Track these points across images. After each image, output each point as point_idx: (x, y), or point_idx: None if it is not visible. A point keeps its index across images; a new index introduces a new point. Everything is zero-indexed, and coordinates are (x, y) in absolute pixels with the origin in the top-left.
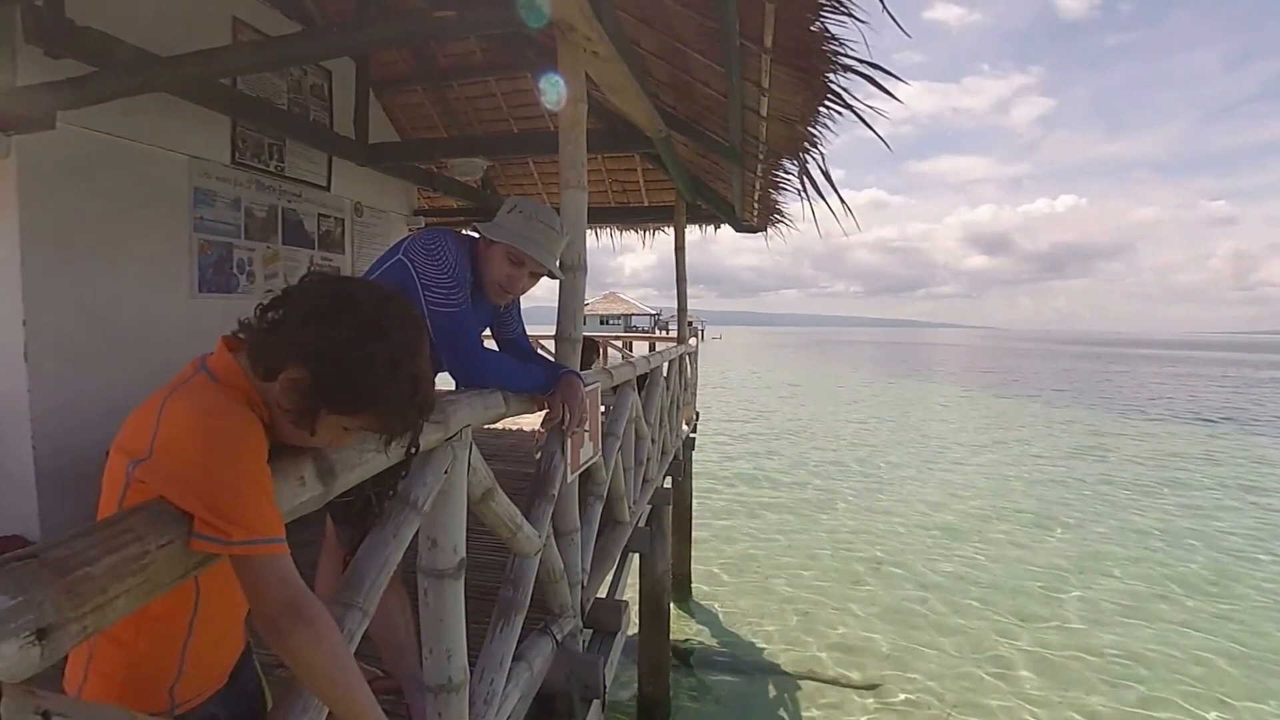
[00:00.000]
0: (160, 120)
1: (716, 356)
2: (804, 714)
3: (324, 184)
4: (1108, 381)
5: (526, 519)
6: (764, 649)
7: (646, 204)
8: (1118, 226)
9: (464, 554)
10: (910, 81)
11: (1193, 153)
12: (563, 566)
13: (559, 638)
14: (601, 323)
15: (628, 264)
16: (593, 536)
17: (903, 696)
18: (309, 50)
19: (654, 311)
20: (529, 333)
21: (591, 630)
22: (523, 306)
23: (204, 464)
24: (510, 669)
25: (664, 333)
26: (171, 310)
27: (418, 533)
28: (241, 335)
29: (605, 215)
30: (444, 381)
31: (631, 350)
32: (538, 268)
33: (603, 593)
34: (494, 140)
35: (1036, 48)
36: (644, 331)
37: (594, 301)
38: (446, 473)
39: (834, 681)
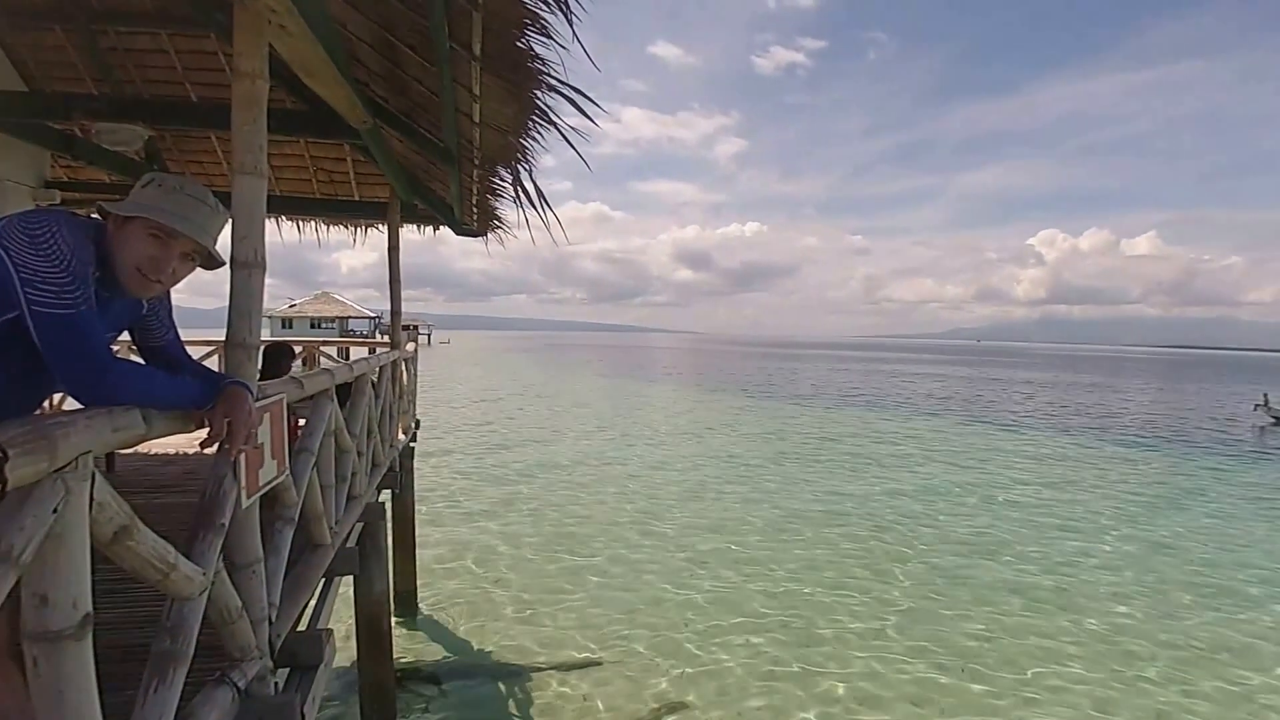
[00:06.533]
0: None
1: (445, 361)
2: (535, 704)
3: None
4: (790, 376)
5: (187, 556)
6: (493, 651)
7: (358, 198)
8: (789, 251)
9: (90, 609)
10: (634, 108)
11: (841, 197)
12: (240, 604)
13: (242, 685)
14: (313, 326)
15: (344, 261)
16: (281, 565)
17: (625, 666)
18: None
19: (374, 314)
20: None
21: (288, 669)
22: (213, 308)
23: None
24: None
25: (386, 337)
26: None
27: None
28: None
29: (309, 206)
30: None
31: (349, 356)
32: (190, 245)
33: (304, 625)
34: (162, 106)
35: (735, 95)
36: (363, 336)
37: (303, 302)
38: (56, 512)
39: (561, 666)
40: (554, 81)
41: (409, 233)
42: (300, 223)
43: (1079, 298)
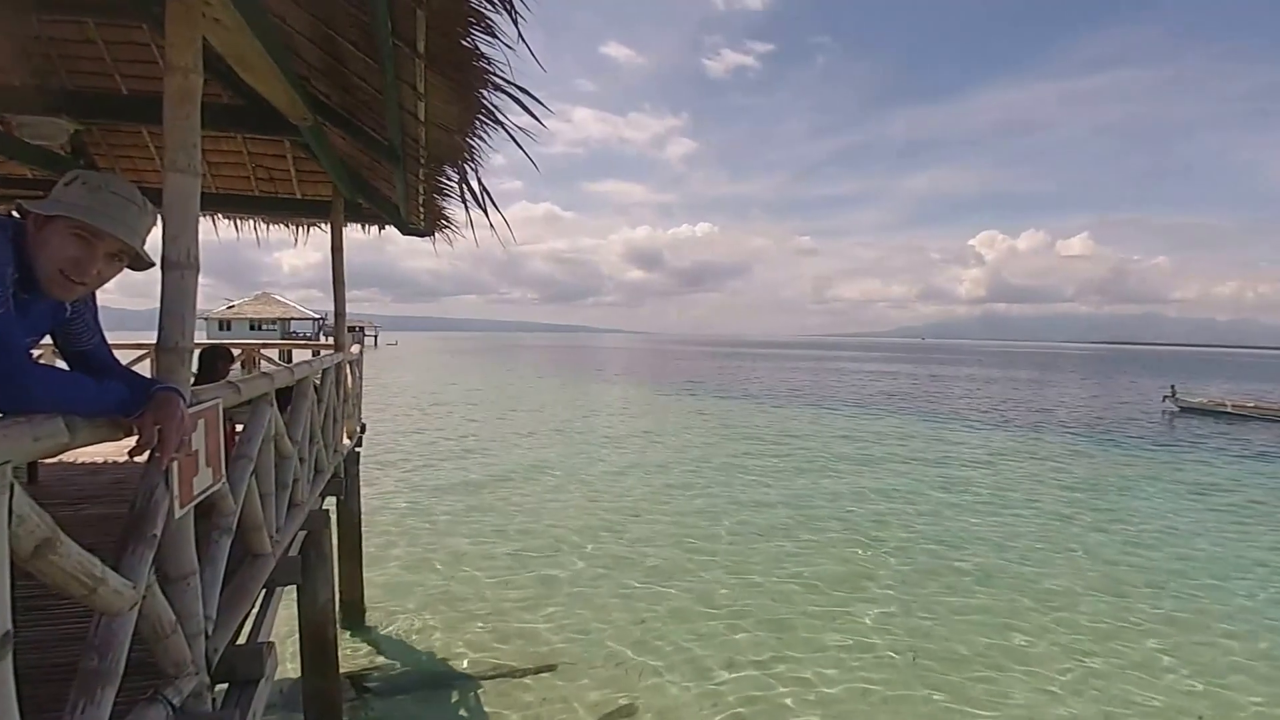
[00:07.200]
0: None
1: (394, 363)
2: (490, 708)
3: None
4: (745, 376)
5: (116, 569)
6: (446, 657)
7: (299, 196)
8: (739, 251)
9: (9, 627)
10: (584, 108)
11: (789, 199)
12: (174, 618)
13: (176, 702)
14: (252, 328)
15: (286, 261)
16: (218, 576)
17: (583, 667)
18: None
19: (318, 315)
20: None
21: (227, 684)
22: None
23: None
24: None
25: (330, 339)
26: None
27: None
28: None
29: (248, 204)
30: None
31: (291, 359)
32: (117, 246)
33: (243, 638)
34: (89, 98)
35: (685, 97)
36: (306, 338)
37: (242, 303)
38: None
39: (517, 671)
40: (500, 81)
41: (354, 232)
42: (238, 221)
43: (1017, 296)
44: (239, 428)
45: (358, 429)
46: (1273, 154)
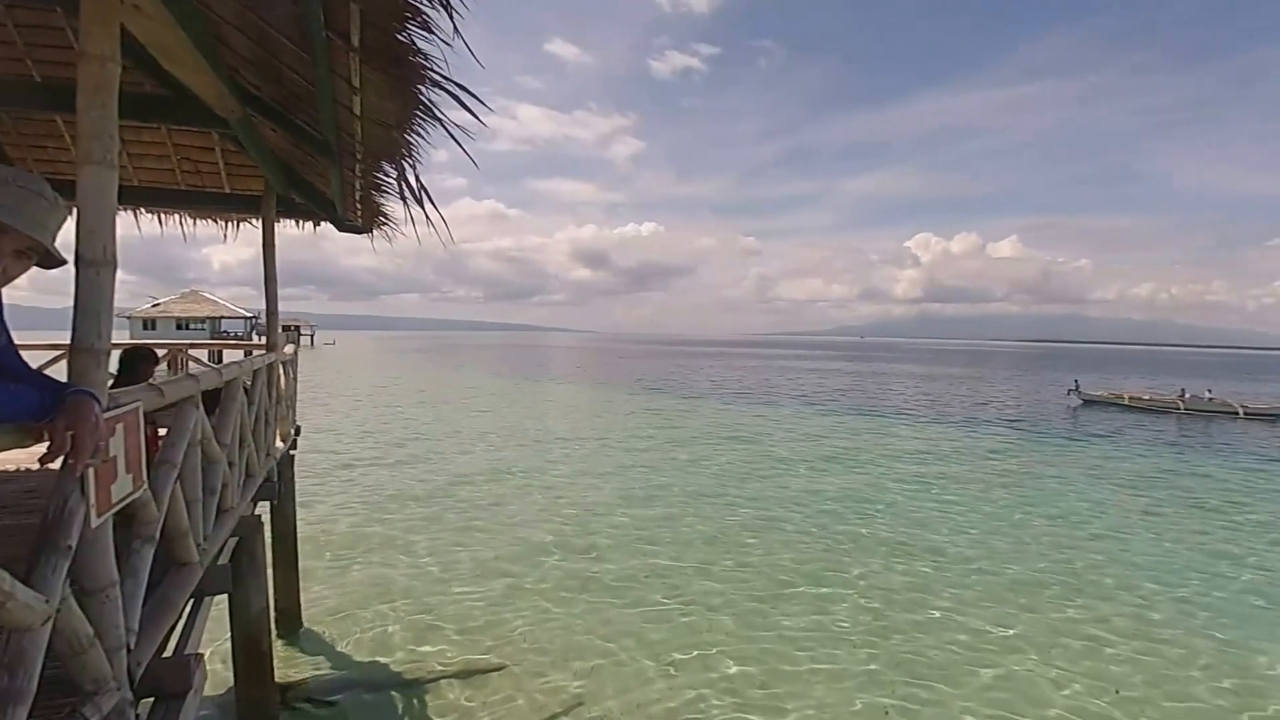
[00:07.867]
0: None
1: (332, 363)
2: (436, 712)
3: None
4: (692, 374)
5: (27, 581)
6: (389, 663)
7: (228, 190)
8: (685, 251)
9: None
10: (530, 106)
11: (735, 199)
12: (92, 632)
13: (96, 719)
14: (179, 327)
15: (216, 257)
16: (140, 587)
17: (534, 665)
18: None
19: (251, 314)
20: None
21: (153, 698)
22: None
23: None
24: None
25: (264, 338)
26: None
27: None
28: None
29: (173, 198)
30: None
31: (221, 360)
32: (25, 242)
33: (170, 650)
34: None
35: (632, 97)
36: (238, 337)
37: (168, 301)
38: None
39: (463, 673)
40: (438, 77)
41: (289, 228)
42: (163, 215)
43: (951, 296)
44: (162, 432)
45: (292, 431)
46: (1183, 161)
